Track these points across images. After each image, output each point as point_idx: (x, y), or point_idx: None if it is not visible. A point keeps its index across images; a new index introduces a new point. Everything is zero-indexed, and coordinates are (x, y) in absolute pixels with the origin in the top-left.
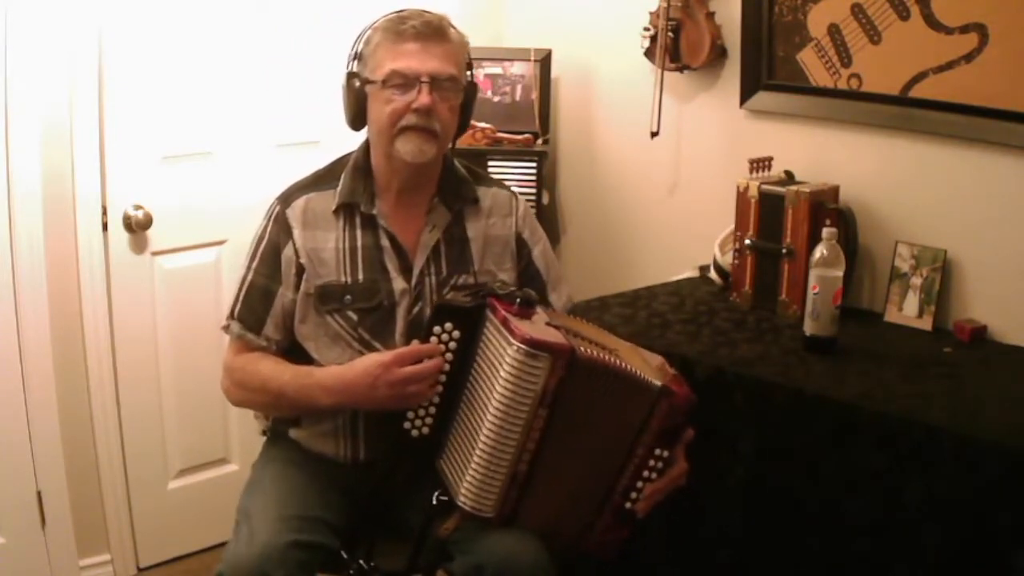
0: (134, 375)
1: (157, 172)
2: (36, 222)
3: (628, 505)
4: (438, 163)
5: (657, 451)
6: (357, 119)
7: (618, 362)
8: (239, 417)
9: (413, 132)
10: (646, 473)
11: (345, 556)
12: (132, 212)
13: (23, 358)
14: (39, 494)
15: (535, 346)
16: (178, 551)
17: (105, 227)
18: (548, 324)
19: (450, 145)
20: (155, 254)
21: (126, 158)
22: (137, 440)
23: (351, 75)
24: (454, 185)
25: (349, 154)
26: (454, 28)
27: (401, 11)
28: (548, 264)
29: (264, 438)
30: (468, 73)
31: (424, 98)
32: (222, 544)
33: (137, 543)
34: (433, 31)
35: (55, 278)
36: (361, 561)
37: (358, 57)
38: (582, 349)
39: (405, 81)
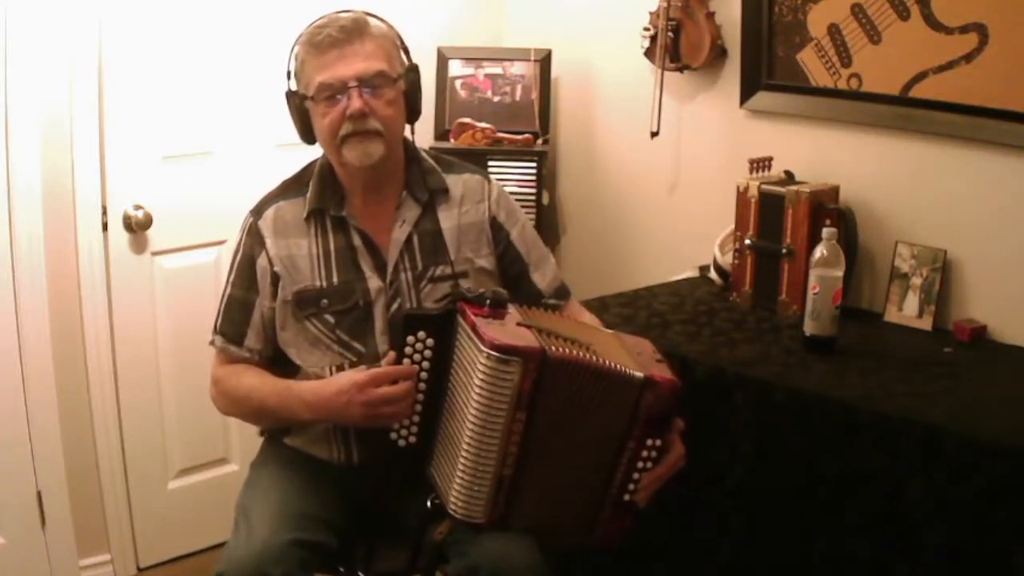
0: (134, 375)
1: (157, 172)
2: (36, 222)
3: (627, 497)
4: (396, 158)
5: (649, 441)
6: (306, 134)
7: (594, 358)
8: None
9: (354, 138)
10: (641, 464)
11: (343, 570)
12: (132, 212)
13: (23, 358)
14: (39, 494)
15: (504, 351)
16: (178, 551)
17: (105, 227)
18: (520, 324)
19: (407, 135)
20: (155, 254)
21: (126, 158)
22: (137, 440)
23: (290, 94)
24: (420, 177)
25: (315, 161)
26: (376, 20)
27: (319, 19)
28: (529, 246)
29: (263, 438)
30: (404, 59)
31: (355, 103)
32: (222, 544)
33: (137, 543)
34: (349, 34)
35: (55, 278)
36: (360, 573)
37: (292, 75)
38: (554, 349)
39: (334, 91)
